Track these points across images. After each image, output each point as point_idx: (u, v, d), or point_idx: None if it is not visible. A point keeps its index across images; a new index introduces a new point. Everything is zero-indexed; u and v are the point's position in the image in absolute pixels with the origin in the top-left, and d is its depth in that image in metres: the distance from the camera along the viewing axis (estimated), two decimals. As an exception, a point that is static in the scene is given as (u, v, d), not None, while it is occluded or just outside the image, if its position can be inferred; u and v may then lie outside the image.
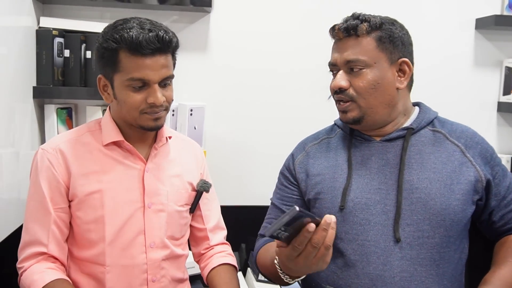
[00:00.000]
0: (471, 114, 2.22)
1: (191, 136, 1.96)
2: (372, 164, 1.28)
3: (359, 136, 1.32)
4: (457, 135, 1.29)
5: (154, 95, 1.22)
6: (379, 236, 1.21)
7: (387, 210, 1.22)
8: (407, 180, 1.23)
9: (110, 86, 1.26)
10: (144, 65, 1.19)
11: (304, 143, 1.44)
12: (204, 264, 1.45)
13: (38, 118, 1.88)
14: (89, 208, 1.26)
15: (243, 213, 2.09)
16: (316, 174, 1.33)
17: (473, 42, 2.20)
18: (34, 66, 1.83)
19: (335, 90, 1.27)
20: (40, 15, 1.88)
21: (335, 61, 1.27)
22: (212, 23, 2.07)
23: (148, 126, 1.27)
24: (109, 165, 1.29)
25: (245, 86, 2.11)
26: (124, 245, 1.27)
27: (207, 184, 1.43)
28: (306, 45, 2.13)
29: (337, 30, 1.26)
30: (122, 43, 1.18)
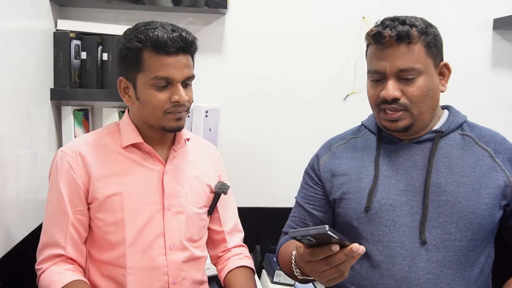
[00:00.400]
0: (488, 115, 2.19)
1: (206, 137, 1.96)
2: (399, 165, 1.27)
3: (387, 137, 1.31)
4: (486, 140, 1.27)
5: (178, 93, 1.23)
6: (405, 237, 1.20)
7: (413, 212, 1.22)
8: (434, 182, 1.22)
9: (132, 87, 1.26)
10: (168, 63, 1.21)
11: (330, 143, 1.43)
12: (221, 267, 1.44)
13: (55, 119, 1.90)
14: (109, 210, 1.26)
15: (258, 215, 2.09)
16: (342, 174, 1.33)
17: (491, 42, 2.18)
18: (51, 68, 1.85)
19: (384, 100, 1.22)
20: (58, 18, 1.91)
21: (384, 69, 1.21)
22: (227, 24, 2.08)
23: (170, 127, 1.27)
24: (129, 167, 1.29)
25: (260, 88, 2.11)
26: (144, 247, 1.28)
27: (225, 186, 1.44)
28: (322, 47, 2.12)
29: (388, 37, 1.18)
30: (147, 42, 1.20)
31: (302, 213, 1.41)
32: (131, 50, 1.22)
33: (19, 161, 1.56)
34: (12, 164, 1.50)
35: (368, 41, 1.25)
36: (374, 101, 1.26)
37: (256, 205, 2.12)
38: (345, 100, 2.14)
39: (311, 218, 1.39)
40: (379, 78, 1.23)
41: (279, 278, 1.83)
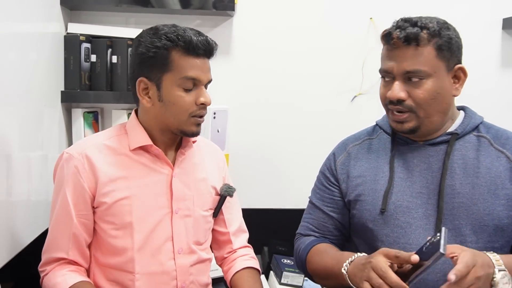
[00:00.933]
0: (498, 115, 2.14)
1: (214, 139, 1.97)
2: (414, 167, 1.26)
3: (402, 139, 1.30)
4: (502, 141, 1.26)
5: (204, 95, 1.25)
6: (420, 239, 1.20)
7: (428, 215, 1.21)
8: (449, 184, 1.21)
9: (156, 88, 1.24)
10: (196, 65, 1.23)
11: (345, 143, 1.42)
12: (227, 268, 1.44)
13: (65, 122, 1.93)
14: (118, 214, 1.25)
15: (266, 216, 2.09)
16: (357, 175, 1.32)
17: (500, 42, 2.16)
18: (62, 71, 1.87)
19: (390, 100, 1.22)
20: (68, 21, 1.93)
21: (391, 69, 1.21)
22: (235, 27, 2.09)
23: (190, 131, 1.28)
24: (137, 170, 1.28)
25: (268, 90, 2.12)
26: (153, 251, 1.26)
27: (231, 188, 1.43)
28: (330, 49, 2.12)
29: (396, 39, 1.19)
30: (179, 42, 1.21)
31: (320, 216, 1.39)
32: (160, 48, 1.22)
33: (30, 163, 1.58)
34: (23, 166, 1.52)
35: (383, 42, 1.26)
36: (383, 101, 1.27)
37: (264, 207, 2.13)
38: (353, 101, 2.14)
39: (330, 220, 1.37)
40: (389, 78, 1.24)
41: (287, 280, 1.84)
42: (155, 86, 1.25)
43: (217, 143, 1.98)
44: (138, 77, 1.26)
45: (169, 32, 1.23)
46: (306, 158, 2.11)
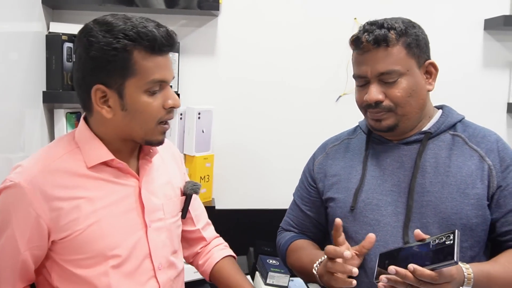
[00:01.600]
0: (480, 115, 2.17)
1: (199, 139, 1.97)
2: (386, 166, 1.28)
3: (377, 138, 1.33)
4: (478, 140, 1.26)
5: (172, 97, 1.11)
6: (388, 237, 1.22)
7: (397, 212, 1.23)
8: (419, 183, 1.23)
9: (118, 96, 1.07)
10: (162, 64, 1.08)
11: (325, 144, 1.46)
12: (203, 261, 1.37)
13: (47, 122, 1.90)
14: (86, 244, 1.09)
15: (251, 216, 2.09)
16: (333, 174, 1.36)
17: (482, 42, 2.19)
18: (44, 71, 1.84)
19: (368, 104, 1.23)
20: (50, 21, 1.90)
21: (365, 73, 1.22)
22: (220, 26, 2.08)
23: (156, 141, 1.14)
24: (101, 189, 1.11)
25: (253, 89, 2.12)
26: (131, 273, 1.13)
27: (197, 185, 1.32)
28: (314, 47, 2.13)
29: (365, 42, 1.20)
30: (141, 41, 1.04)
31: (299, 214, 1.45)
32: (118, 51, 1.03)
33: (11, 165, 1.55)
34: (4, 168, 1.50)
35: (352, 47, 1.27)
36: (360, 105, 1.29)
37: (249, 207, 2.13)
38: (338, 101, 2.14)
39: (308, 219, 1.44)
40: (363, 82, 1.25)
41: (273, 280, 1.83)
42: (116, 94, 1.07)
43: (202, 143, 1.99)
44: (93, 84, 1.07)
45: (126, 28, 1.04)
46: (291, 158, 2.11)
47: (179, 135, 1.98)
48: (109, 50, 1.03)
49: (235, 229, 2.06)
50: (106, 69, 1.05)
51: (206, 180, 2.00)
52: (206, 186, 2.01)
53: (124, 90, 1.06)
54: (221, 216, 2.00)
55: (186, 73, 2.06)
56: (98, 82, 1.06)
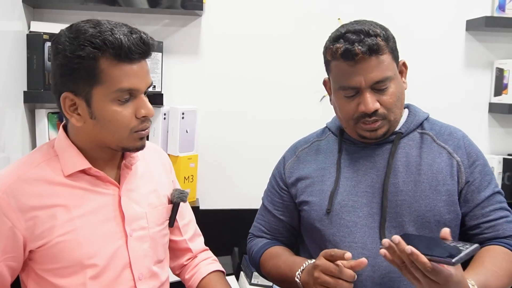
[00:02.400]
0: (462, 115, 2.23)
1: (183, 139, 1.96)
2: (360, 167, 1.28)
3: (349, 139, 1.32)
4: (445, 137, 1.28)
5: (145, 106, 1.07)
6: (366, 238, 1.22)
7: (373, 213, 1.23)
8: (392, 183, 1.23)
9: (86, 104, 1.05)
10: (132, 72, 1.04)
11: (295, 147, 1.43)
12: (190, 275, 1.34)
13: (29, 123, 1.87)
14: (63, 253, 1.07)
15: (236, 216, 2.09)
16: (306, 177, 1.33)
17: (464, 43, 2.22)
18: (24, 71, 1.82)
19: (364, 114, 1.20)
20: (31, 20, 1.88)
21: (359, 84, 1.18)
22: (204, 26, 2.07)
23: (134, 147, 1.11)
24: (78, 198, 1.09)
25: (237, 89, 2.11)
26: (109, 284, 1.11)
27: (184, 193, 1.29)
28: (298, 49, 2.13)
29: (360, 53, 1.15)
30: (107, 48, 1.01)
31: (271, 219, 1.41)
32: (84, 58, 1.01)
33: (-9, 165, 1.54)
34: (-16, 169, 1.47)
35: (334, 58, 1.21)
36: (350, 116, 1.23)
37: (233, 207, 2.12)
38: (321, 101, 2.15)
39: (281, 224, 1.40)
40: (353, 93, 1.21)
41: (257, 280, 1.83)
42: (84, 102, 1.05)
43: (186, 143, 1.98)
44: (62, 91, 1.05)
45: (93, 35, 1.01)
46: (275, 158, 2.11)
47: (163, 135, 1.97)
48: (74, 58, 1.01)
49: (220, 229, 2.05)
50: (73, 77, 1.03)
51: (190, 180, 1.99)
52: (190, 186, 2.00)
53: (92, 99, 1.04)
54: (205, 216, 2.00)
55: (169, 73, 2.05)
56: (67, 90, 1.05)
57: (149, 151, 1.27)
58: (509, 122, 2.27)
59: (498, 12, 2.15)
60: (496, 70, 2.22)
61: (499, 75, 2.20)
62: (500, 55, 2.23)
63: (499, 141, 2.28)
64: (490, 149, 2.27)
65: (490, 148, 2.27)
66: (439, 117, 1.39)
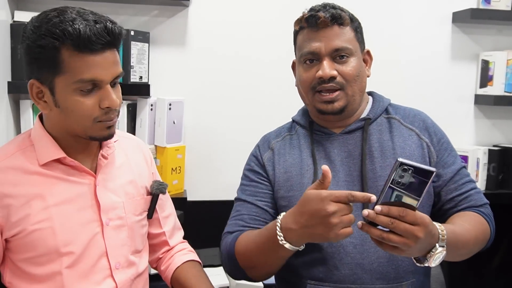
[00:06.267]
0: (448, 107, 2.25)
1: (170, 130, 1.95)
2: (335, 157, 1.29)
3: (319, 131, 1.33)
4: (411, 119, 1.32)
5: (109, 97, 1.06)
6: (352, 226, 1.21)
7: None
8: (370, 169, 1.25)
9: (49, 92, 1.06)
10: (94, 63, 1.03)
11: (267, 140, 1.42)
12: (165, 267, 1.33)
13: (13, 113, 1.85)
14: (38, 241, 1.07)
15: (224, 208, 2.07)
16: (283, 172, 1.32)
17: (450, 35, 2.23)
18: (8, 61, 1.79)
19: (321, 80, 1.24)
20: (15, 9, 1.85)
21: (319, 50, 1.24)
22: (191, 17, 2.06)
23: (101, 136, 1.11)
24: (53, 187, 1.10)
25: (224, 80, 2.10)
26: (86, 272, 1.11)
27: (163, 185, 1.29)
28: (286, 39, 2.12)
29: (323, 18, 1.23)
30: (66, 39, 1.00)
31: (253, 210, 1.32)
32: (45, 48, 1.01)
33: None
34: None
35: (300, 25, 1.29)
36: (309, 84, 1.27)
37: (221, 198, 2.12)
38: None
39: (264, 214, 1.32)
40: (313, 59, 1.26)
41: (245, 270, 1.83)
42: (48, 91, 1.06)
43: (173, 134, 1.97)
44: (30, 78, 1.07)
45: (54, 25, 1.00)
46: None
47: (150, 127, 1.96)
48: (35, 47, 1.02)
49: (208, 221, 2.05)
50: (36, 65, 1.05)
51: (177, 172, 1.98)
52: (178, 178, 1.99)
53: (55, 88, 1.05)
54: (193, 208, 2.00)
55: (156, 64, 2.04)
56: (33, 77, 1.07)
57: (129, 142, 1.29)
58: (494, 114, 2.30)
59: (484, 4, 2.17)
60: (482, 62, 2.23)
61: (485, 67, 2.22)
62: (485, 47, 2.25)
63: (485, 132, 2.30)
64: (475, 140, 2.29)
65: (475, 139, 2.29)
66: (425, 109, 1.40)
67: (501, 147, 2.23)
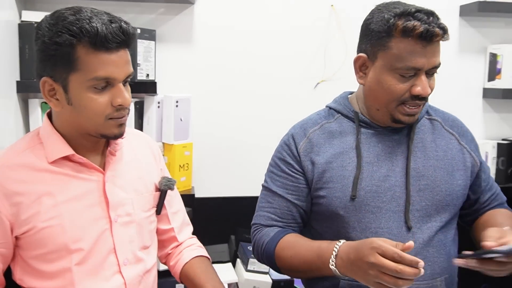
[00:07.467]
0: (457, 101, 2.23)
1: (177, 128, 1.96)
2: (379, 151, 1.27)
3: (366, 123, 1.30)
4: (450, 123, 1.34)
5: (121, 95, 1.08)
6: (391, 223, 1.22)
7: (396, 197, 1.24)
8: (413, 167, 1.25)
9: (63, 90, 1.07)
10: (109, 61, 1.05)
11: (303, 128, 1.35)
12: (174, 262, 1.34)
13: (22, 113, 1.87)
14: (48, 238, 1.09)
15: (232, 204, 2.09)
16: (323, 162, 1.28)
17: (458, 29, 2.21)
18: (17, 61, 1.81)
19: (415, 96, 1.19)
20: (22, 9, 1.86)
21: (422, 66, 1.17)
22: (196, 14, 2.06)
23: (112, 134, 1.12)
24: (62, 184, 1.11)
25: (230, 76, 2.11)
26: (94, 269, 1.13)
27: (171, 181, 1.30)
28: (292, 35, 2.12)
29: (440, 35, 1.15)
30: (83, 36, 1.01)
31: (283, 204, 1.32)
32: (61, 45, 1.02)
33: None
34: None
35: (403, 35, 1.16)
36: (399, 96, 1.20)
37: (229, 195, 2.12)
38: (316, 88, 2.15)
39: (295, 209, 1.31)
40: (411, 74, 1.19)
41: (253, 266, 1.85)
42: (61, 88, 1.07)
43: (180, 131, 1.98)
44: (42, 76, 1.08)
45: (71, 23, 1.02)
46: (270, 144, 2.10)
47: (157, 124, 1.97)
48: (51, 44, 1.03)
49: (216, 217, 2.06)
50: (51, 63, 1.06)
51: (185, 169, 1.99)
52: (186, 175, 2.00)
53: (69, 85, 1.06)
54: (201, 204, 2.01)
55: (163, 61, 2.04)
56: (46, 75, 1.07)
57: (137, 139, 1.30)
58: (503, 107, 2.28)
59: (491, -4, 2.15)
60: (490, 55, 2.22)
61: (493, 60, 2.21)
62: (493, 40, 2.23)
63: (493, 126, 2.29)
64: (484, 134, 2.28)
65: (484, 133, 2.28)
66: (434, 103, 1.40)
67: (510, 140, 2.21)
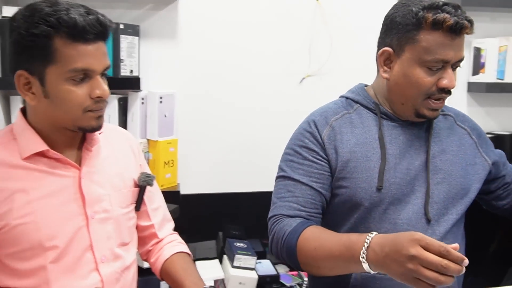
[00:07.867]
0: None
1: (161, 124, 1.94)
2: (400, 143, 1.28)
3: (386, 115, 1.30)
4: (461, 119, 1.36)
5: (100, 87, 1.07)
6: (411, 214, 1.24)
7: (415, 190, 1.25)
8: (431, 161, 1.27)
9: (39, 83, 1.05)
10: (87, 53, 1.04)
11: (324, 116, 1.31)
12: (154, 259, 1.32)
13: (4, 110, 1.84)
14: (21, 236, 1.07)
15: (218, 200, 2.09)
16: (347, 151, 1.26)
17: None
18: (-3, 57, 1.78)
19: (442, 89, 1.20)
20: (3, 5, 1.83)
21: (450, 59, 1.17)
22: (180, 9, 2.05)
23: (90, 127, 1.10)
24: (36, 180, 1.09)
25: (215, 72, 2.10)
26: (70, 266, 1.11)
27: (150, 177, 1.28)
28: (277, 31, 2.12)
29: (468, 28, 1.16)
30: (61, 27, 1.00)
31: (308, 193, 1.25)
32: (38, 37, 1.00)
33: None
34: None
35: (433, 28, 1.16)
36: (427, 89, 1.20)
37: (215, 191, 2.12)
38: (301, 82, 2.15)
39: (319, 197, 1.26)
40: (439, 67, 1.19)
41: (240, 262, 1.84)
42: (37, 81, 1.05)
43: (165, 128, 1.96)
44: (17, 69, 1.06)
45: (48, 14, 1.01)
46: (256, 141, 2.11)
47: (141, 120, 1.95)
48: (27, 35, 1.01)
49: (202, 214, 2.05)
50: (27, 55, 1.04)
51: (170, 165, 1.98)
52: (171, 171, 1.99)
53: (46, 77, 1.05)
54: (187, 201, 2.00)
55: (147, 57, 2.02)
56: (21, 68, 1.05)
57: (115, 134, 1.28)
58: (487, 101, 2.30)
59: (475, -9, 2.16)
60: (474, 49, 2.23)
61: (477, 54, 2.22)
62: (477, 35, 2.21)
63: (478, 120, 2.21)
64: (468, 128, 2.30)
65: (468, 127, 2.30)
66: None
67: (494, 134, 2.23)
